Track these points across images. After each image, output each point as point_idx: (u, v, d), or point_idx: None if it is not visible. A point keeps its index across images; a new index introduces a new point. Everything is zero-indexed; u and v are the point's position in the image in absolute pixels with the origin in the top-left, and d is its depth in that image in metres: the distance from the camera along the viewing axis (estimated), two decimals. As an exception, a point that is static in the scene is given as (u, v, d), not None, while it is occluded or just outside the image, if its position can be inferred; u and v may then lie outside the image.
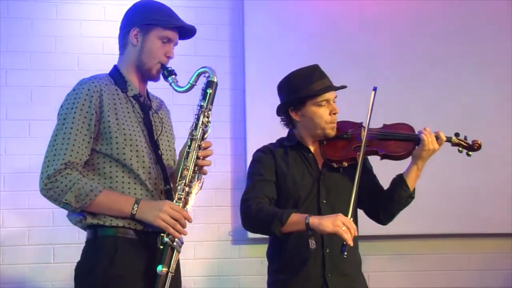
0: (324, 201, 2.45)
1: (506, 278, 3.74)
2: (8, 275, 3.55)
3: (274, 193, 2.44)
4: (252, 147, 3.72)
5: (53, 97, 3.65)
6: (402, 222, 2.59)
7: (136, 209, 2.09)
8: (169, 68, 2.26)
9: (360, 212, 2.60)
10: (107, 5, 3.79)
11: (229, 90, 3.86)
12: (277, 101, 2.64)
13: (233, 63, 3.88)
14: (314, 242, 2.32)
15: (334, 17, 3.90)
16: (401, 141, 2.47)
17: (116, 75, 2.28)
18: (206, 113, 2.21)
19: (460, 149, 2.50)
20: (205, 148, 2.22)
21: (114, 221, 2.11)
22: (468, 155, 2.50)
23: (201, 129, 2.20)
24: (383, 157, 2.48)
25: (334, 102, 2.48)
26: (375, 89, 2.46)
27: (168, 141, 2.35)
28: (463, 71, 3.93)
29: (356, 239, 2.52)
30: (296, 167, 2.49)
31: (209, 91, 2.22)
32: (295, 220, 2.27)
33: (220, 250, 3.77)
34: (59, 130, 2.13)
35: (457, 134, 2.50)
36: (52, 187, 2.06)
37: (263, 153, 2.53)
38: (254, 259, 3.74)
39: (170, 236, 2.10)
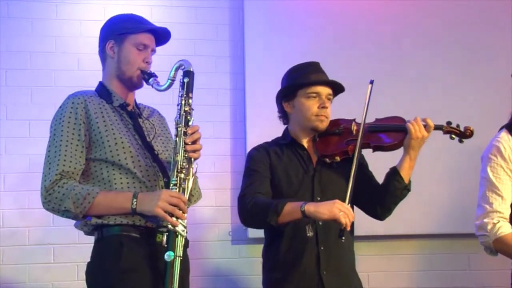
0: (319, 198, 2.44)
1: (506, 278, 3.74)
2: (8, 275, 3.55)
3: (269, 189, 2.46)
4: (252, 147, 3.74)
5: (53, 97, 3.65)
6: (402, 222, 2.60)
7: (135, 203, 2.12)
8: (149, 72, 2.30)
9: (359, 212, 2.60)
10: (107, 5, 3.79)
11: (229, 90, 3.86)
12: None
13: (233, 63, 3.88)
14: (311, 228, 2.34)
15: (335, 16, 3.90)
16: (391, 132, 2.48)
17: (100, 89, 2.35)
18: (186, 101, 2.23)
19: (453, 136, 2.49)
20: (192, 134, 2.23)
21: (118, 219, 2.15)
22: (460, 141, 2.49)
23: (183, 116, 2.22)
24: (375, 148, 2.49)
25: (328, 99, 2.48)
26: (371, 82, 2.47)
27: (164, 142, 2.37)
28: (463, 71, 3.93)
29: (352, 239, 2.53)
30: (291, 164, 2.49)
31: (186, 80, 2.26)
32: (291, 209, 2.27)
33: (220, 250, 3.77)
34: (51, 145, 2.20)
35: (449, 123, 2.49)
36: (51, 198, 2.11)
37: (258, 151, 2.55)
38: (254, 259, 3.73)
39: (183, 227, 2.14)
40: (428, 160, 2.46)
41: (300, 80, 2.48)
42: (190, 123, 2.23)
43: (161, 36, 2.40)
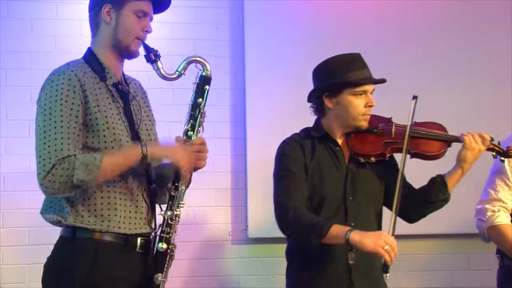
0: (350, 198, 2.37)
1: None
2: (8, 275, 3.55)
3: (307, 192, 2.34)
4: (252, 147, 3.74)
5: (53, 97, 3.67)
6: (402, 223, 2.58)
7: (145, 149, 2.00)
8: (157, 52, 2.13)
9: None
10: (107, 5, 3.79)
11: (229, 90, 3.86)
12: (277, 101, 2.64)
13: (233, 63, 3.88)
14: (353, 256, 2.23)
15: (335, 16, 3.90)
16: (433, 140, 2.41)
17: (92, 60, 2.16)
18: (203, 113, 2.14)
19: (494, 154, 2.45)
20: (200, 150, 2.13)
21: (98, 225, 2.01)
22: (501, 161, 2.47)
23: (197, 130, 2.13)
24: (414, 155, 2.40)
25: (371, 94, 2.39)
26: (415, 98, 2.39)
27: (148, 129, 2.25)
28: (464, 72, 3.93)
29: None
30: (324, 161, 2.38)
31: (207, 87, 2.14)
32: (335, 233, 2.17)
33: (220, 250, 3.77)
34: (46, 125, 1.98)
35: (492, 139, 2.43)
36: (55, 179, 1.91)
37: (291, 146, 2.41)
38: (254, 259, 3.74)
39: (170, 246, 2.08)
40: (428, 161, 2.44)
41: (348, 77, 2.34)
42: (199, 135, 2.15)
43: (160, 3, 2.21)
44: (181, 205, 2.11)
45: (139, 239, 2.08)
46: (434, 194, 2.40)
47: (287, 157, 2.38)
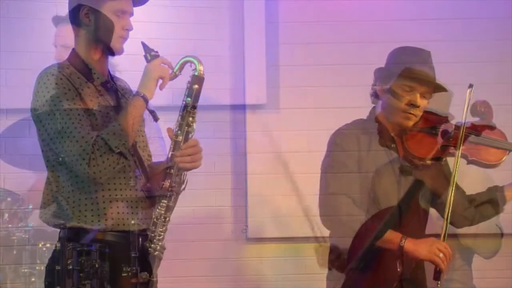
0: (404, 199, 2.30)
1: (506, 278, 3.74)
2: (8, 275, 3.55)
3: (357, 188, 2.26)
4: (252, 147, 3.73)
5: (53, 97, 3.66)
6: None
7: (139, 95, 2.06)
8: (157, 53, 2.13)
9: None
10: (107, 5, 3.79)
11: (229, 90, 3.86)
12: (276, 101, 2.63)
13: (233, 63, 3.88)
14: (399, 265, 2.20)
15: (335, 16, 3.90)
16: (492, 148, 2.33)
17: (77, 62, 2.15)
18: (192, 112, 2.11)
19: None
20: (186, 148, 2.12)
21: (102, 224, 2.02)
22: None
23: (185, 130, 2.10)
24: (471, 162, 2.32)
25: (424, 97, 2.26)
26: (471, 86, 2.27)
27: (140, 125, 2.23)
28: (463, 72, 3.93)
29: None
30: (380, 159, 2.30)
31: (196, 86, 2.13)
32: (389, 238, 2.15)
33: (220, 250, 3.77)
34: (62, 122, 1.99)
35: None
36: (99, 162, 1.94)
37: (347, 136, 2.31)
38: (254, 259, 3.74)
39: (159, 247, 2.07)
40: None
41: (402, 68, 2.26)
42: (190, 137, 2.12)
43: None
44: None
45: (139, 237, 2.08)
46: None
47: (341, 149, 2.28)
